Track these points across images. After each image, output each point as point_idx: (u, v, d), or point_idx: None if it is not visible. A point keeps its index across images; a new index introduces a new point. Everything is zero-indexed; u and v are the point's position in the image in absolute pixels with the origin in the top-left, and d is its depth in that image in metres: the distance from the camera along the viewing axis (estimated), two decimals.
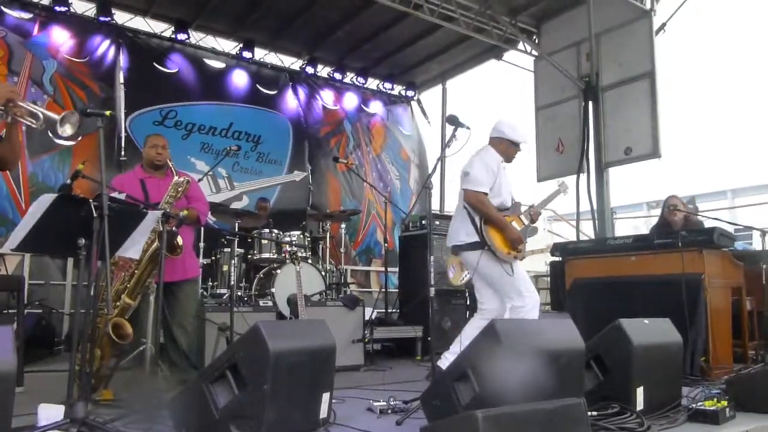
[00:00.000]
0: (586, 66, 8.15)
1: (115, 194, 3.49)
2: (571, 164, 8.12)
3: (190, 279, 4.15)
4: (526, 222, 4.13)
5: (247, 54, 8.93)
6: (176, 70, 8.43)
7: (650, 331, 3.01)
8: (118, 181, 4.09)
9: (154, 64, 8.29)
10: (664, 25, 7.80)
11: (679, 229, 5.00)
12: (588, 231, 9.22)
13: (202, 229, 5.63)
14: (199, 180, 5.30)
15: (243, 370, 2.39)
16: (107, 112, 2.77)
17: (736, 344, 4.68)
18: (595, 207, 7.89)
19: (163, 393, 3.11)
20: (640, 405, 2.72)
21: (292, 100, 9.55)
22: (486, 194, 3.97)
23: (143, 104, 8.04)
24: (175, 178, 3.79)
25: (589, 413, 2.30)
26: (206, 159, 8.25)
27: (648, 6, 7.71)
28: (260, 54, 9.32)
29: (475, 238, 3.94)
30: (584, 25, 7.81)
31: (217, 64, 8.90)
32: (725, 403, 2.86)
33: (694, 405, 2.88)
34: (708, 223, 5.94)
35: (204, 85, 8.63)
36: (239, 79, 9.00)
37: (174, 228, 3.67)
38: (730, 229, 5.39)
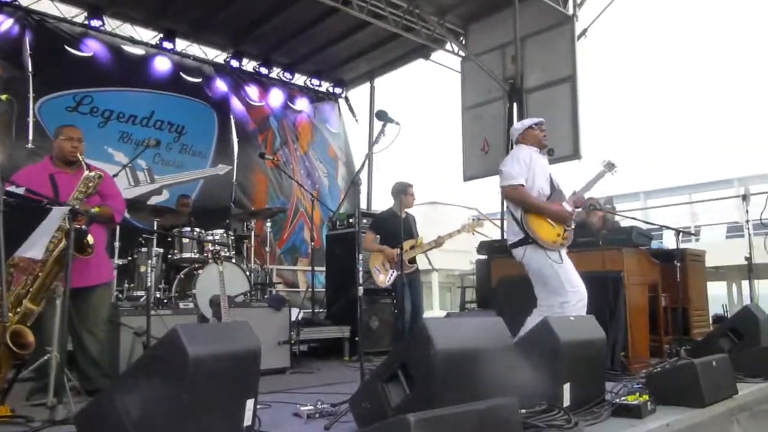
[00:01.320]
0: (511, 68, 8.31)
1: (12, 188, 3.18)
2: (496, 164, 8.18)
3: (103, 283, 3.88)
4: (569, 208, 4.03)
5: (167, 45, 8.53)
6: (91, 54, 7.88)
7: (576, 327, 3.05)
8: (24, 175, 3.75)
9: (66, 47, 7.68)
10: (585, 30, 8.08)
11: (597, 229, 5.17)
12: None
13: (118, 227, 5.32)
14: (117, 173, 4.99)
15: (159, 378, 2.22)
16: (3, 96, 2.51)
17: (652, 339, 4.88)
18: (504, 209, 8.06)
19: (70, 406, 2.88)
20: (567, 401, 2.74)
21: (217, 91, 9.16)
22: (522, 185, 3.96)
23: (53, 88, 7.41)
24: (86, 172, 3.53)
25: (519, 411, 2.29)
26: (125, 149, 7.78)
27: (570, 11, 7.96)
28: (182, 45, 8.93)
29: (521, 235, 3.94)
30: (510, 28, 7.97)
31: (136, 50, 8.43)
32: (646, 397, 2.95)
33: (617, 400, 2.95)
34: (624, 223, 6.19)
35: (123, 70, 8.10)
36: (161, 65, 8.51)
37: (84, 226, 3.41)
38: (645, 228, 5.63)
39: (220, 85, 9.22)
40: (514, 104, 8.17)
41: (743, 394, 3.51)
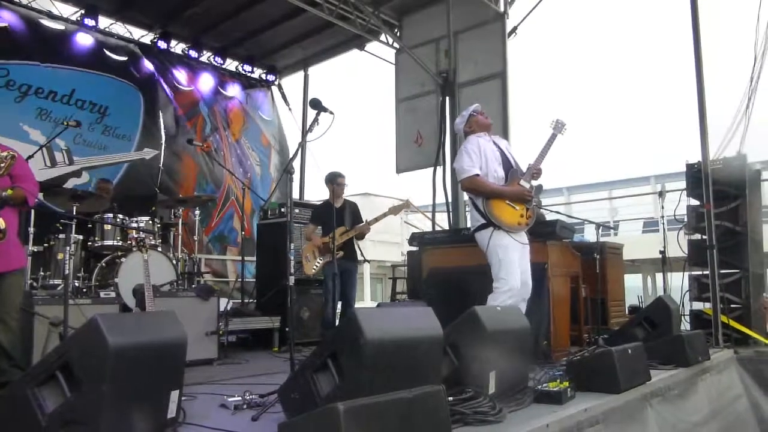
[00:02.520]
0: (444, 62, 8.42)
1: None
2: (428, 157, 8.36)
3: (14, 270, 3.65)
4: (527, 185, 4.07)
5: (89, 22, 8.11)
6: (6, 25, 7.36)
7: (502, 317, 3.13)
8: None
9: None
10: (515, 28, 8.26)
11: None
12: (443, 223, 9.56)
13: (33, 212, 5.04)
14: (31, 155, 4.72)
15: (77, 370, 2.11)
16: None
17: (573, 328, 5.08)
18: (450, 199, 8.19)
19: None
20: (492, 389, 2.81)
21: (144, 70, 8.78)
22: (477, 175, 4.03)
23: None
24: None
25: (446, 399, 2.33)
26: (43, 128, 7.35)
27: (501, 9, 8.13)
28: (105, 23, 8.52)
29: (482, 221, 4.00)
30: (444, 22, 8.06)
31: (55, 25, 7.94)
32: (567, 383, 3.06)
33: (539, 387, 3.05)
34: (549, 217, 6.39)
35: (42, 44, 7.63)
36: (84, 41, 8.07)
37: None
38: (570, 222, 5.85)
39: (147, 65, 8.85)
40: (447, 98, 8.29)
41: (656, 380, 3.71)
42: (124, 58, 8.54)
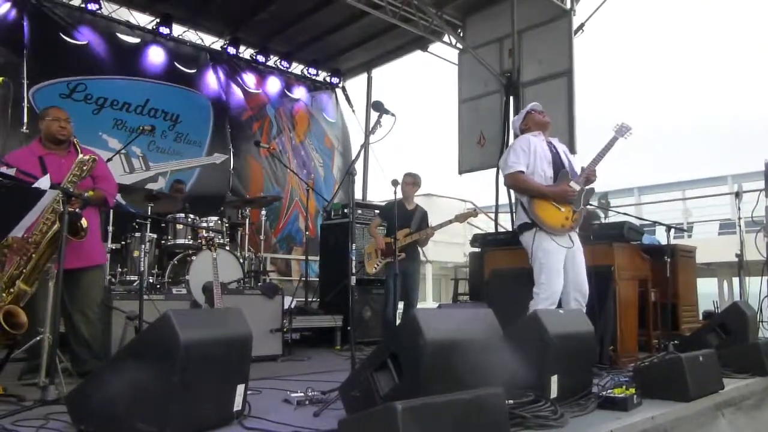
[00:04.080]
0: (508, 62, 8.29)
1: (3, 169, 3.17)
2: (491, 157, 8.25)
3: (95, 266, 3.88)
4: (577, 187, 3.97)
5: (164, 30, 8.48)
6: (86, 42, 7.84)
7: (565, 321, 3.07)
8: (14, 156, 3.73)
9: (60, 34, 7.65)
10: (582, 25, 8.05)
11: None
12: (506, 224, 9.44)
13: (111, 212, 5.33)
14: (110, 158, 4.99)
15: (150, 361, 2.23)
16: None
17: (641, 333, 4.92)
18: (512, 200, 8.06)
19: (62, 386, 2.90)
20: (554, 393, 2.76)
21: (212, 80, 9.15)
22: (522, 172, 3.98)
23: (48, 76, 7.42)
24: (80, 155, 3.52)
25: (506, 402, 2.31)
26: (119, 136, 7.74)
27: (568, 5, 7.94)
28: (178, 31, 8.89)
29: (526, 220, 3.96)
30: (507, 21, 7.95)
31: (131, 39, 8.37)
32: (633, 390, 2.97)
33: (603, 392, 2.97)
34: (617, 219, 6.20)
35: (117, 59, 8.08)
36: (156, 55, 8.48)
37: (77, 209, 3.41)
38: (638, 224, 5.66)
39: (215, 76, 9.18)
40: (511, 98, 8.16)
41: (729, 389, 3.54)
42: (194, 70, 8.91)
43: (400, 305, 5.65)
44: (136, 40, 8.40)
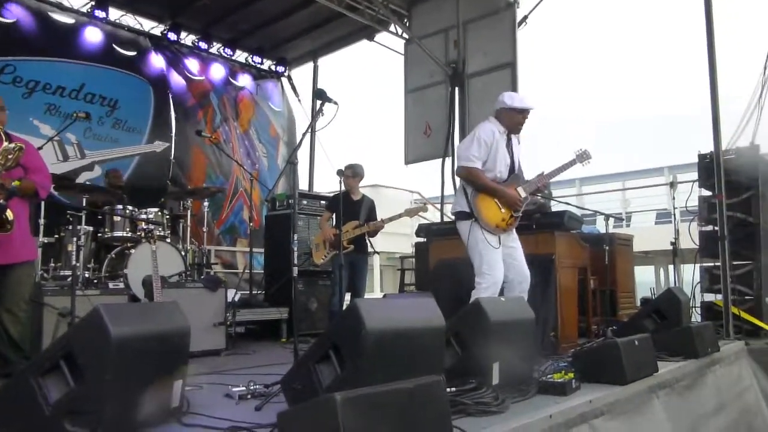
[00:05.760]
0: (453, 53, 8.36)
1: None
2: (437, 148, 8.33)
3: (24, 262, 3.69)
4: (523, 194, 4.01)
5: (100, 13, 8.11)
6: (14, 21, 7.36)
7: (506, 308, 3.13)
8: None
9: None
10: (526, 18, 8.17)
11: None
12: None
13: (43, 204, 5.10)
14: (42, 146, 4.75)
15: (80, 359, 2.14)
16: None
17: (581, 320, 5.06)
18: (457, 187, 8.15)
19: None
20: (495, 379, 2.81)
21: (154, 64, 8.79)
22: (477, 169, 3.96)
23: None
24: (6, 143, 3.33)
25: (448, 389, 2.33)
26: (52, 122, 7.34)
27: None
28: (116, 14, 8.52)
29: (465, 209, 3.97)
30: (453, 12, 8.01)
31: (65, 19, 7.95)
32: (572, 375, 3.06)
33: (543, 378, 3.04)
34: (559, 208, 6.35)
35: (50, 39, 7.62)
36: (92, 36, 8.03)
37: (2, 201, 3.23)
38: (579, 213, 5.81)
39: (157, 59, 8.86)
40: (456, 88, 8.24)
41: (663, 372, 3.69)
42: (134, 53, 8.53)
43: (348, 297, 5.63)
44: (71, 21, 7.97)
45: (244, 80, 10.11)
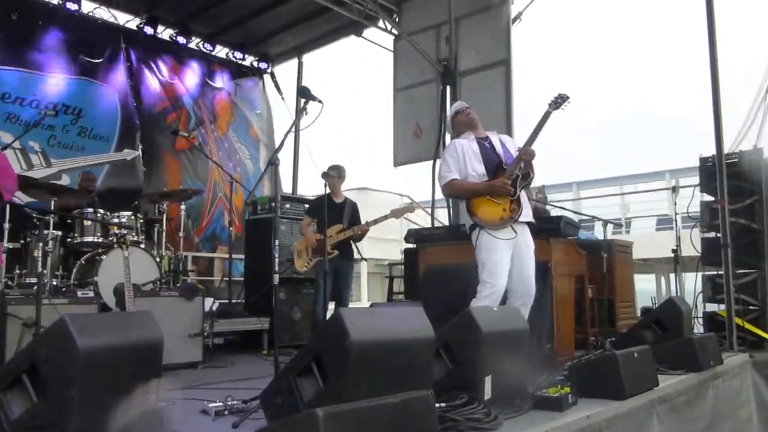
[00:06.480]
0: (445, 50, 8.37)
1: None
2: (428, 149, 8.33)
3: None
4: (509, 178, 3.96)
5: (71, 5, 8.05)
6: None
7: (499, 318, 3.11)
8: None
9: None
10: (520, 14, 8.21)
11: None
12: (443, 219, 9.55)
13: (8, 207, 5.04)
14: (3, 149, 4.71)
15: (44, 373, 2.10)
16: None
17: (578, 331, 5.06)
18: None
19: None
20: (488, 394, 2.79)
21: (121, 72, 8.67)
22: (455, 179, 4.07)
23: None
24: None
25: (437, 405, 2.32)
26: (14, 130, 7.17)
27: None
28: (89, 7, 8.46)
29: (471, 222, 4.02)
30: (444, 7, 8.02)
31: (25, 22, 7.74)
32: (568, 389, 3.05)
33: (538, 392, 3.04)
34: (555, 213, 6.39)
35: (7, 46, 7.52)
36: (55, 42, 7.92)
37: None
38: (576, 218, 5.83)
39: (125, 66, 8.74)
40: (448, 87, 8.26)
41: (664, 386, 3.69)
42: (99, 60, 8.42)
43: (332, 306, 5.61)
44: (33, 25, 7.80)
45: (222, 80, 10.06)
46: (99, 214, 5.63)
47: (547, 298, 4.47)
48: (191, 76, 9.60)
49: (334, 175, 5.75)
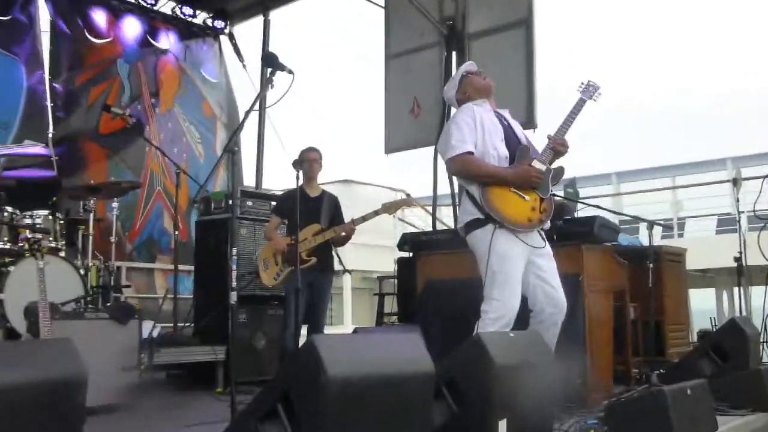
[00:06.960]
0: (450, 6, 8.38)
1: None
2: (429, 132, 8.32)
3: None
4: (543, 167, 3.95)
5: None
6: None
7: (516, 346, 3.12)
8: None
9: None
10: None
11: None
12: (448, 219, 9.57)
13: None
14: None
15: None
16: None
17: (617, 361, 5.08)
18: (456, 190, 8.16)
19: None
20: None
21: (33, 35, 8.55)
22: (470, 153, 3.93)
23: None
24: None
25: None
26: None
27: None
28: None
29: (478, 215, 3.88)
30: None
31: None
32: None
33: None
34: (587, 212, 6.39)
35: None
36: None
37: None
38: (614, 219, 5.85)
39: (37, 22, 8.62)
40: (454, 53, 8.26)
41: (724, 429, 3.71)
42: (2, 18, 8.24)
43: (305, 331, 5.60)
44: None
45: (168, 41, 10.06)
46: (6, 214, 5.59)
47: (579, 320, 4.48)
48: (128, 33, 9.56)
49: (315, 157, 5.72)
